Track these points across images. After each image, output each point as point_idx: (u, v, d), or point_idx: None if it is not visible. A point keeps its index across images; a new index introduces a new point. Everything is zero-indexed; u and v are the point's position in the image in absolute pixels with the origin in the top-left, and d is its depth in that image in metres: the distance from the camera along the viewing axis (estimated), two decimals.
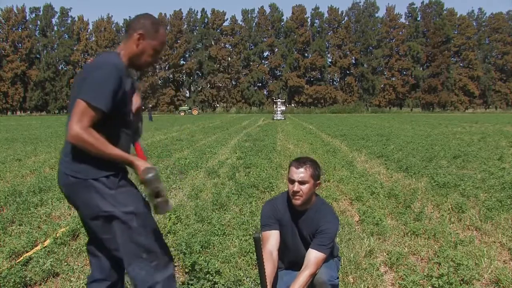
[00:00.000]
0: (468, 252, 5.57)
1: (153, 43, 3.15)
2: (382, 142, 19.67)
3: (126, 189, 3.04)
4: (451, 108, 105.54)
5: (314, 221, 3.86)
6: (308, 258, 3.74)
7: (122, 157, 2.96)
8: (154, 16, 3.23)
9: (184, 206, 8.01)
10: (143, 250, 2.99)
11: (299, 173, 3.77)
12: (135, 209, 2.99)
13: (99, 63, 2.97)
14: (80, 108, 2.80)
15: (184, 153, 16.98)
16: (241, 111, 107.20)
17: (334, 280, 3.76)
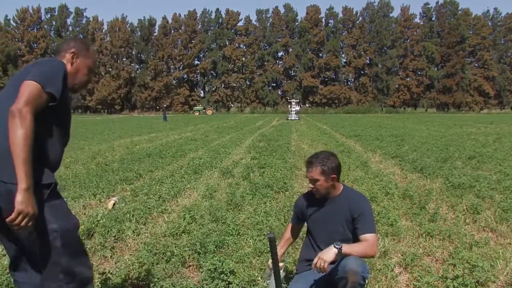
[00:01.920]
0: (483, 253, 5.54)
1: (86, 61, 3.13)
2: (396, 143, 19.59)
3: (54, 203, 2.85)
4: (466, 109, 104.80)
5: (346, 207, 3.98)
6: (364, 240, 3.86)
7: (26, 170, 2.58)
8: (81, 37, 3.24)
9: (198, 206, 8.02)
10: (61, 271, 2.85)
11: (309, 173, 3.99)
12: (59, 226, 2.81)
13: (47, 59, 2.96)
14: (30, 88, 2.67)
15: (199, 153, 17.01)
16: (255, 111, 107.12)
17: (365, 273, 3.78)
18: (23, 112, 2.59)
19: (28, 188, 2.59)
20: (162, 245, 5.79)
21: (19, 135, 2.57)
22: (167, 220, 7.26)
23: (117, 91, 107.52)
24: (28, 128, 2.59)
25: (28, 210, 2.59)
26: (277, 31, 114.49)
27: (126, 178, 10.74)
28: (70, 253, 2.89)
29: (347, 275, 3.69)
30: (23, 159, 2.57)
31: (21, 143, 2.56)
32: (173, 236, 6.36)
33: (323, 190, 3.99)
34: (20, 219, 2.59)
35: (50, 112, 2.81)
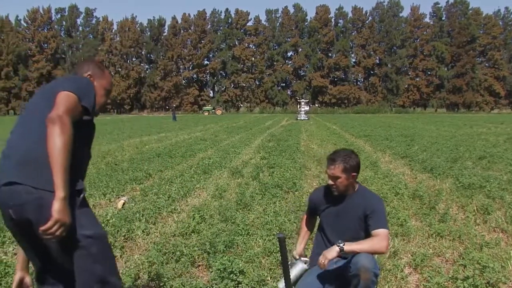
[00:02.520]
0: (494, 254, 5.51)
1: (102, 83, 3.12)
2: (406, 143, 19.53)
3: (86, 210, 2.84)
4: (476, 109, 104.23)
5: (360, 205, 4.01)
6: (374, 235, 3.88)
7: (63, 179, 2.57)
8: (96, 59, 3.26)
9: (208, 206, 8.04)
10: (95, 280, 2.80)
11: (331, 170, 3.99)
12: (94, 233, 2.78)
13: (78, 76, 3.01)
14: (68, 98, 2.69)
15: (208, 152, 17.04)
16: (264, 111, 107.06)
17: (376, 270, 3.83)
18: (64, 119, 2.59)
19: (65, 197, 2.58)
20: (171, 244, 5.80)
21: (59, 141, 2.56)
22: (177, 220, 7.27)
23: (127, 91, 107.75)
24: (68, 135, 2.60)
25: (65, 219, 2.59)
26: (286, 31, 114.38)
27: (136, 178, 10.78)
28: (104, 260, 2.86)
29: (360, 272, 3.72)
30: (62, 166, 2.56)
31: (61, 150, 2.56)
32: (183, 236, 6.37)
33: (343, 187, 4.02)
34: (56, 228, 2.58)
35: (81, 125, 2.81)
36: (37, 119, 2.74)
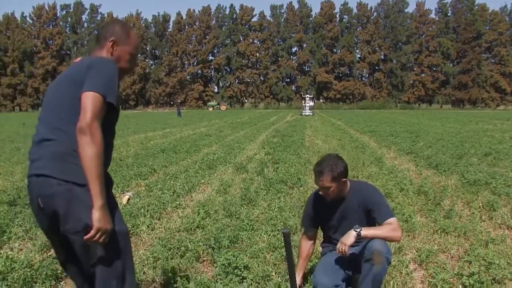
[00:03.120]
0: (499, 251, 5.49)
1: (127, 48, 3.04)
2: (411, 139, 19.49)
3: (110, 205, 2.77)
4: (482, 105, 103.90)
5: (359, 202, 4.01)
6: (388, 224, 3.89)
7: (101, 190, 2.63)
8: (122, 20, 3.16)
9: (212, 201, 8.04)
10: (115, 276, 2.82)
11: (319, 182, 3.98)
12: (118, 228, 2.79)
13: (103, 61, 2.86)
14: (95, 102, 2.65)
15: (213, 148, 17.05)
16: (269, 106, 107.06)
17: (389, 255, 3.86)
18: (93, 128, 2.60)
19: (103, 204, 2.63)
20: (176, 240, 5.80)
21: (91, 152, 2.59)
22: (182, 215, 7.27)
23: (132, 86, 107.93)
24: (99, 144, 2.62)
25: (106, 227, 2.64)
26: (291, 26, 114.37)
27: (141, 173, 10.78)
28: (124, 257, 2.88)
29: (373, 256, 3.76)
30: (97, 175, 2.60)
31: (94, 160, 2.58)
32: (188, 231, 6.37)
33: (336, 194, 4.02)
34: (99, 236, 2.64)
35: (106, 115, 2.79)
36: (65, 110, 2.76)
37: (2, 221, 6.53)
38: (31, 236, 6.24)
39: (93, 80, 2.72)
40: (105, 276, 2.81)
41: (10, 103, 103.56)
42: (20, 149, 16.70)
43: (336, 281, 4.01)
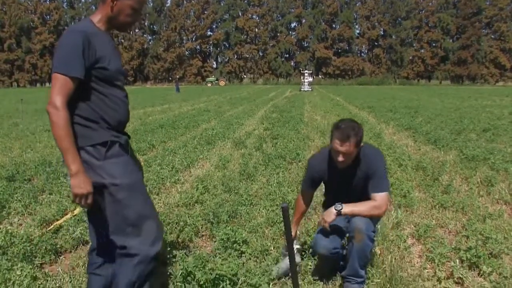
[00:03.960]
0: (497, 226, 5.52)
1: (128, 3, 3.02)
2: (410, 115, 19.48)
3: (114, 160, 2.93)
4: (481, 81, 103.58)
5: (362, 166, 3.93)
6: (373, 199, 3.85)
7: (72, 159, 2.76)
8: None
9: (211, 176, 8.05)
10: (128, 224, 2.94)
11: (344, 147, 3.74)
12: (121, 182, 2.89)
13: (65, 33, 2.91)
14: (55, 82, 2.75)
15: (211, 123, 17.03)
16: (268, 82, 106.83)
17: (371, 233, 3.84)
18: (53, 106, 2.73)
19: (77, 171, 2.78)
20: (175, 215, 5.82)
21: (54, 128, 2.74)
22: (180, 190, 7.28)
23: (130, 62, 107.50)
24: (61, 118, 2.73)
25: (82, 191, 2.78)
26: (290, 1, 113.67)
27: (140, 149, 10.77)
28: (136, 207, 2.95)
29: (354, 233, 3.79)
30: (64, 148, 2.75)
31: (59, 135, 2.73)
32: (186, 206, 6.39)
33: (352, 159, 3.87)
34: (78, 200, 2.81)
35: (92, 78, 2.87)
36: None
37: (1, 196, 6.54)
38: (30, 211, 6.25)
39: (54, 59, 2.83)
40: (118, 224, 2.94)
41: (8, 79, 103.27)
42: (18, 125, 16.70)
43: (335, 244, 4.07)
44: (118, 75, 3.03)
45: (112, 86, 2.98)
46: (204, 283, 3.81)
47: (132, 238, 2.94)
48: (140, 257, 2.97)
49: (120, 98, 3.03)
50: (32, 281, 3.95)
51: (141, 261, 2.96)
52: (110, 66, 2.93)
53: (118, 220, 2.93)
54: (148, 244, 2.98)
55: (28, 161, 9.41)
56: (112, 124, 2.97)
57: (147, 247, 2.98)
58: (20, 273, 3.98)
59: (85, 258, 4.63)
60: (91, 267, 3.28)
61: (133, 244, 2.96)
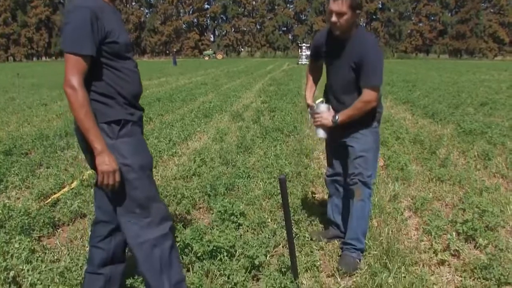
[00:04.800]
0: (493, 199, 5.55)
1: None
2: (408, 88, 19.45)
3: (127, 140, 2.89)
4: (480, 55, 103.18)
5: (356, 50, 3.82)
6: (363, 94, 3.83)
7: (95, 138, 2.71)
8: None
9: (208, 149, 8.05)
10: (136, 205, 2.90)
11: (336, 5, 3.70)
12: (132, 162, 2.86)
13: (71, 9, 2.83)
14: (67, 63, 2.72)
15: (209, 97, 17.01)
16: (265, 55, 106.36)
17: (366, 179, 3.95)
18: (70, 87, 2.69)
19: (102, 150, 2.72)
20: (172, 187, 5.82)
21: (74, 111, 2.70)
22: (178, 163, 7.29)
23: None
24: (79, 100, 2.68)
25: (108, 169, 2.73)
26: None
27: None
28: (145, 188, 2.94)
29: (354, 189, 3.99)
30: (86, 128, 2.69)
31: (79, 117, 2.69)
32: (184, 179, 6.40)
33: (347, 25, 3.76)
34: (106, 179, 2.75)
35: (103, 53, 2.81)
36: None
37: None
38: (28, 185, 6.26)
39: (63, 39, 2.77)
40: (127, 204, 2.91)
41: (4, 53, 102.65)
42: (15, 99, 16.62)
43: (338, 170, 4.29)
44: (128, 47, 2.99)
45: (124, 59, 2.93)
46: (201, 255, 3.83)
47: (141, 220, 2.91)
48: (151, 242, 2.92)
49: (132, 70, 2.99)
50: (30, 254, 3.96)
51: (155, 244, 2.93)
52: (119, 39, 2.87)
53: (127, 200, 2.91)
54: (156, 225, 2.95)
55: (25, 135, 9.40)
56: (129, 98, 2.93)
57: (155, 229, 2.95)
58: (18, 246, 3.98)
59: (83, 231, 4.66)
60: (93, 240, 3.26)
61: (141, 232, 2.92)
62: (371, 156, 3.99)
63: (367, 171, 3.94)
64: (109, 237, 3.21)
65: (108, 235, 3.21)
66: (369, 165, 3.95)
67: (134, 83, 2.98)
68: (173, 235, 3.06)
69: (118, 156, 2.82)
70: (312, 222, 4.85)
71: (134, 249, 2.94)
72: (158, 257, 2.93)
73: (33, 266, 3.75)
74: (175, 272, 3.00)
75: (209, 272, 3.67)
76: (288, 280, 3.38)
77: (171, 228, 3.04)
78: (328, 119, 3.93)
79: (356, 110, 3.82)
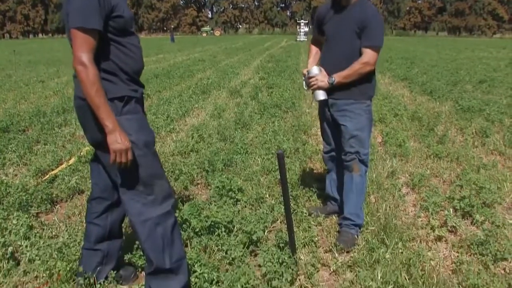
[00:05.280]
0: (490, 176, 5.56)
1: None
2: (406, 65, 19.40)
3: (130, 116, 2.86)
4: (478, 33, 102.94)
5: (359, 15, 3.83)
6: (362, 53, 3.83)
7: (106, 116, 2.67)
8: None
9: (206, 125, 8.04)
10: (140, 182, 2.88)
11: None
12: (136, 139, 2.83)
13: None
14: (76, 40, 2.65)
15: (207, 73, 16.96)
16: (263, 32, 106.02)
17: (363, 157, 3.98)
18: (80, 64, 2.63)
19: (113, 127, 2.68)
20: (170, 163, 5.83)
21: (85, 88, 2.64)
22: (176, 139, 7.29)
23: None
24: (90, 77, 2.63)
25: (121, 147, 2.70)
26: None
27: None
28: (149, 165, 2.92)
29: (352, 165, 4.01)
30: (96, 105, 2.65)
31: (90, 92, 2.63)
32: (182, 155, 6.40)
33: None
34: (119, 157, 2.72)
35: (109, 28, 2.78)
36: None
37: None
38: (25, 162, 6.26)
39: (70, 15, 2.70)
40: (129, 181, 2.90)
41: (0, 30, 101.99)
42: (11, 76, 16.54)
43: (334, 146, 4.29)
44: (132, 21, 2.95)
45: (128, 35, 2.91)
46: (199, 230, 3.84)
47: (144, 198, 2.90)
48: (154, 220, 2.91)
49: (136, 45, 2.96)
50: (28, 230, 3.96)
51: (158, 222, 2.92)
52: (125, 13, 2.83)
53: (130, 178, 2.88)
54: (159, 203, 2.93)
55: (22, 112, 9.37)
56: (131, 74, 2.92)
57: (158, 207, 2.94)
58: (16, 222, 3.99)
59: (80, 207, 4.66)
60: (90, 216, 3.26)
61: (144, 210, 2.90)
62: (366, 135, 3.99)
63: (364, 149, 3.95)
64: (105, 213, 3.22)
65: (104, 211, 3.21)
66: (365, 144, 3.95)
67: (137, 59, 2.95)
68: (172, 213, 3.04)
69: None
70: (310, 197, 4.86)
71: (137, 227, 2.92)
72: (161, 235, 2.92)
73: (32, 242, 3.76)
74: (177, 250, 3.00)
75: (207, 247, 3.68)
76: (286, 255, 3.39)
77: (173, 206, 3.03)
78: (323, 81, 3.91)
79: (353, 71, 3.82)
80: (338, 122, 4.00)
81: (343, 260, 3.63)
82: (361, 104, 3.95)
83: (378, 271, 3.32)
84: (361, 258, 3.55)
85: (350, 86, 3.91)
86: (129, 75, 2.88)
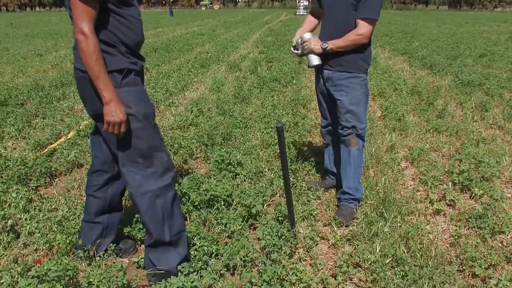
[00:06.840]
0: (489, 150, 5.57)
1: None
2: (406, 39, 19.30)
3: (129, 88, 2.84)
4: (479, 7, 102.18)
5: None
6: (357, 24, 3.78)
7: (104, 87, 2.67)
8: None
9: (205, 99, 8.02)
10: (139, 155, 2.87)
11: None
12: (136, 111, 2.81)
13: None
14: (77, 7, 2.62)
15: (206, 47, 16.88)
16: (263, 6, 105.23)
17: (360, 131, 3.96)
18: (80, 33, 2.62)
19: (111, 98, 2.67)
20: (169, 137, 5.82)
21: (84, 56, 2.63)
22: (175, 113, 7.27)
23: None
24: (90, 47, 2.62)
25: (115, 119, 2.69)
26: None
27: None
28: (148, 137, 2.90)
29: (349, 139, 4.00)
30: (95, 75, 2.64)
31: (89, 62, 2.62)
32: (181, 129, 6.40)
33: None
34: (112, 128, 2.72)
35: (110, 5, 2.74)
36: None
37: None
38: (24, 136, 6.25)
39: None
40: (129, 154, 2.89)
41: None
42: (9, 50, 16.45)
43: (329, 120, 4.31)
44: None
45: (129, 6, 2.87)
46: (198, 204, 3.85)
47: (143, 170, 2.89)
48: (154, 192, 2.91)
49: (136, 17, 2.93)
50: (27, 203, 3.97)
51: (158, 195, 2.92)
52: None
53: (129, 150, 2.88)
54: (159, 175, 2.92)
55: (20, 86, 9.33)
56: (131, 46, 2.89)
57: (158, 180, 2.93)
58: (16, 196, 4.00)
59: (80, 180, 4.67)
60: (90, 189, 3.26)
61: (143, 182, 2.90)
62: (362, 109, 3.96)
63: (361, 124, 3.92)
64: (105, 186, 3.22)
65: (104, 184, 3.21)
66: (361, 118, 3.93)
67: (137, 32, 2.92)
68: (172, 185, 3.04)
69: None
70: (309, 171, 4.87)
71: (136, 199, 2.92)
72: (161, 207, 2.92)
73: (31, 215, 3.77)
74: (177, 222, 3.00)
75: (206, 220, 3.69)
76: (285, 229, 3.40)
77: (173, 178, 3.02)
78: (317, 45, 3.84)
79: (347, 41, 3.77)
80: (334, 97, 3.98)
81: (342, 234, 3.65)
82: (356, 78, 3.90)
83: (377, 244, 3.33)
84: (360, 231, 3.57)
85: (345, 58, 3.86)
86: (129, 48, 2.85)
